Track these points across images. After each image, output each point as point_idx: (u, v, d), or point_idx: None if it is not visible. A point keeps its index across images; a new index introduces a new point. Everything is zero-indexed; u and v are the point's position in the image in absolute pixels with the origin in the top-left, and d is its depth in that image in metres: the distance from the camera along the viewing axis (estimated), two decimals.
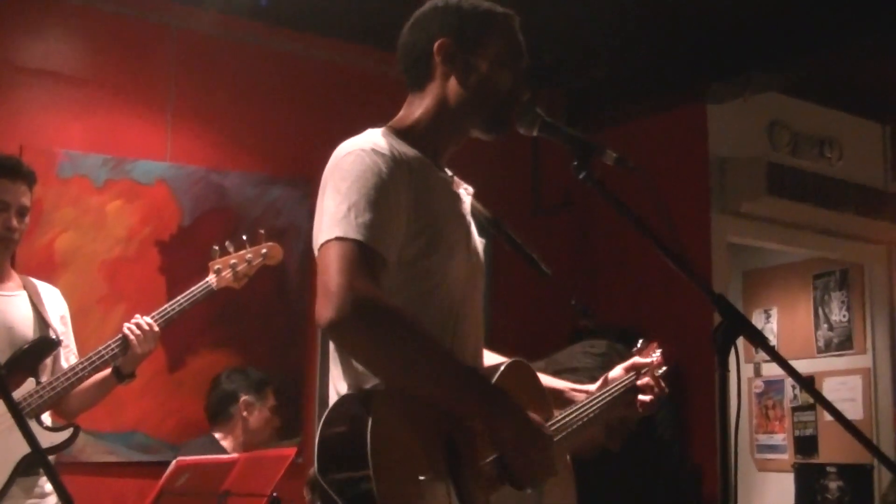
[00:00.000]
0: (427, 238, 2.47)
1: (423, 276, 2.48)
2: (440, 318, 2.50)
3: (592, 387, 3.12)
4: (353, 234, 2.32)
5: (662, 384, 3.16)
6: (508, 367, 2.65)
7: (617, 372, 3.16)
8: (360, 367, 2.39)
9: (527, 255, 2.93)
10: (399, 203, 2.41)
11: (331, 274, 2.29)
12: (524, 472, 2.45)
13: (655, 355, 3.24)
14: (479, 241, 2.71)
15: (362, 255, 2.31)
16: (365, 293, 2.26)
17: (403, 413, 2.31)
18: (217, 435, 5.31)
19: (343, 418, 2.32)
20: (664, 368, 3.22)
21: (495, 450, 2.45)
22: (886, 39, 6.25)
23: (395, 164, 2.43)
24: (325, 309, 2.26)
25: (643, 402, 3.12)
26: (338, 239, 2.32)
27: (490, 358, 2.87)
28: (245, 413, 5.31)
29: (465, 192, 2.73)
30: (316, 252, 2.42)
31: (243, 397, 5.32)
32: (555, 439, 2.61)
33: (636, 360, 3.18)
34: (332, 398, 2.46)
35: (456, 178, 2.72)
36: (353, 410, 2.30)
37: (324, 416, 2.34)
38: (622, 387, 3.10)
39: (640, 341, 3.32)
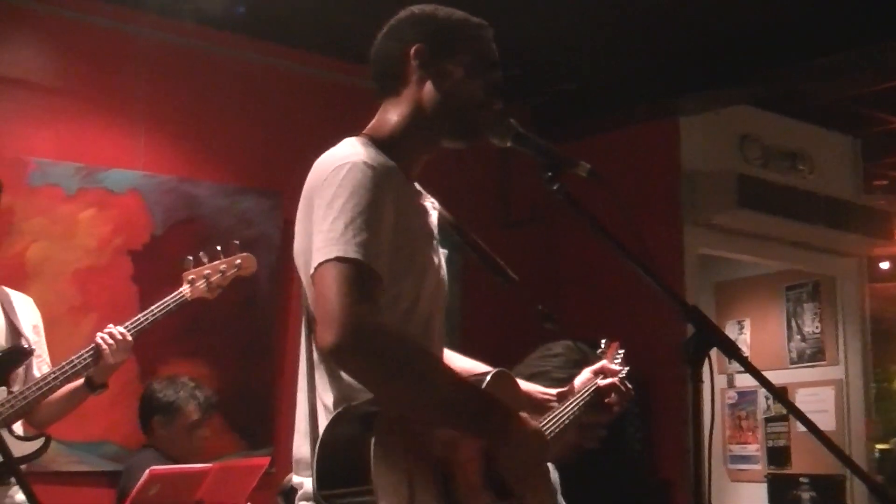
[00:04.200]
0: (403, 257, 2.45)
1: (400, 297, 2.46)
2: (416, 337, 2.48)
3: (557, 390, 3.14)
4: (353, 253, 2.27)
5: (627, 384, 3.19)
6: (494, 377, 2.64)
7: (586, 375, 3.17)
8: (347, 379, 2.37)
9: (492, 263, 2.92)
10: (387, 219, 2.38)
11: (332, 297, 2.25)
12: (516, 484, 2.44)
13: (619, 356, 3.27)
14: (442, 254, 2.71)
15: (362, 275, 2.27)
16: (367, 317, 2.23)
17: (401, 432, 2.30)
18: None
19: (343, 436, 2.30)
20: (626, 369, 3.25)
21: (484, 464, 2.44)
22: (856, 55, 6.31)
23: (385, 178, 2.40)
24: (327, 334, 2.23)
25: (610, 403, 3.14)
26: (338, 259, 2.27)
27: (459, 361, 2.90)
28: (161, 431, 5.19)
29: (432, 206, 2.72)
30: (306, 269, 2.40)
31: (155, 417, 5.21)
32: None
33: (604, 363, 3.21)
34: (320, 410, 2.43)
35: (423, 191, 2.72)
36: (352, 428, 2.29)
37: (321, 435, 2.32)
38: (592, 390, 3.12)
39: (604, 342, 3.34)
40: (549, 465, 3.49)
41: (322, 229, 2.33)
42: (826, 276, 8.42)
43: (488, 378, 2.62)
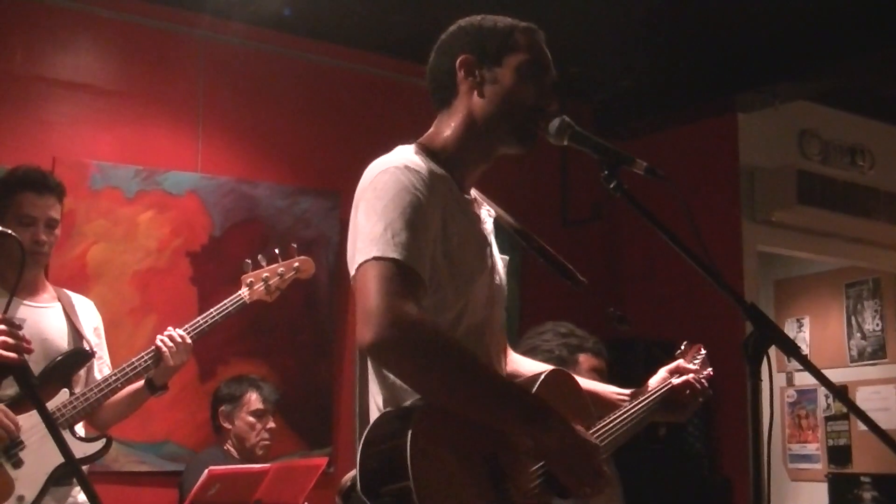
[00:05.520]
0: (448, 264, 2.47)
1: (446, 304, 2.47)
2: (465, 343, 2.48)
3: (630, 389, 3.13)
4: (391, 253, 2.30)
5: (704, 382, 3.17)
6: (547, 376, 2.65)
7: (661, 374, 3.17)
8: (397, 381, 2.39)
9: (561, 267, 2.92)
10: (432, 223, 2.41)
11: (369, 295, 2.27)
12: (570, 483, 2.45)
13: (699, 357, 3.25)
14: (501, 260, 2.72)
15: (401, 274, 2.29)
16: (404, 314, 2.25)
17: (444, 428, 2.31)
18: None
19: (383, 435, 2.31)
20: (709, 370, 3.24)
21: (539, 461, 2.45)
22: None
23: (429, 182, 2.43)
24: (364, 331, 2.25)
25: (684, 401, 3.12)
26: (375, 259, 2.30)
27: (528, 365, 2.92)
28: (227, 424, 5.34)
29: (487, 214, 2.73)
30: (352, 272, 2.41)
31: (220, 408, 5.36)
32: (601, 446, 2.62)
33: (680, 363, 3.19)
34: (373, 411, 2.46)
35: (478, 200, 2.73)
36: (392, 426, 2.29)
37: (364, 435, 2.33)
38: (664, 391, 3.10)
39: (685, 343, 3.32)
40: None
41: (363, 232, 2.36)
42: (887, 272, 8.34)
43: (542, 378, 2.63)
